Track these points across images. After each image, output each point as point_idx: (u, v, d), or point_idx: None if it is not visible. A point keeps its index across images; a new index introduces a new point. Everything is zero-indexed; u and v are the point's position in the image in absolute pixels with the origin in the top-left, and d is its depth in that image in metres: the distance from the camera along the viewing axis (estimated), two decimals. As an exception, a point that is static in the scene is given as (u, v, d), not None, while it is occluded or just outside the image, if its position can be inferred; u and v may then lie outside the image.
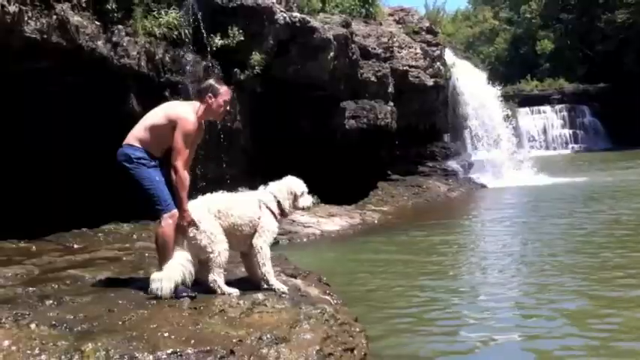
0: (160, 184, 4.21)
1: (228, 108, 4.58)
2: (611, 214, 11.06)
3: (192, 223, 4.17)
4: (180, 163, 4.17)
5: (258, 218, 4.36)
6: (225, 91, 4.46)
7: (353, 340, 3.89)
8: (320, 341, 3.63)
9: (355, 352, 3.80)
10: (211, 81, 4.55)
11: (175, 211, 4.17)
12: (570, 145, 41.26)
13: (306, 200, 4.60)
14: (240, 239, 4.36)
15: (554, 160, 30.61)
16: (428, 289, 6.60)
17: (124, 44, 8.56)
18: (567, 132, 42.03)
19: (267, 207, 4.42)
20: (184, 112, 4.32)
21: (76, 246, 6.66)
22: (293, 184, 4.57)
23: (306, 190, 4.60)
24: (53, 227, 7.28)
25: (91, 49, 7.94)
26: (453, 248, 9.11)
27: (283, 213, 4.51)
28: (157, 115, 4.36)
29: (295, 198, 4.53)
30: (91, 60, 8.06)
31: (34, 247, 6.50)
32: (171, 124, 4.24)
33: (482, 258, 8.26)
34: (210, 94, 4.40)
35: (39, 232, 7.08)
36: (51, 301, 3.96)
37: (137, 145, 4.27)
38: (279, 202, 4.47)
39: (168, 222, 4.14)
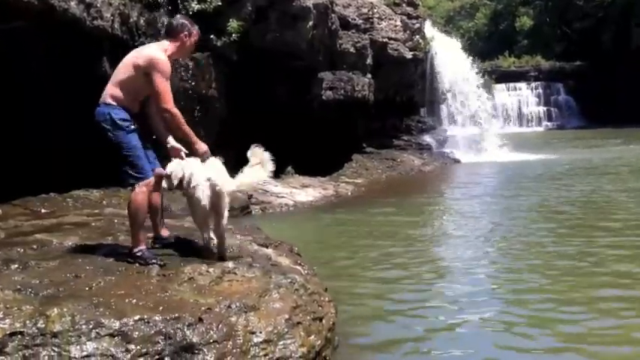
0: (139, 150, 4.09)
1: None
2: (579, 192, 11.23)
3: (208, 154, 4.22)
4: (169, 105, 4.06)
5: None
6: (197, 32, 4.37)
7: (322, 309, 3.91)
8: (289, 310, 3.65)
9: (324, 321, 3.83)
10: (184, 20, 4.36)
11: (150, 180, 4.10)
12: (544, 123, 41.71)
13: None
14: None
15: (527, 136, 30.97)
16: (399, 262, 6.67)
17: (98, 5, 8.33)
18: (541, 109, 42.44)
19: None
20: (154, 53, 4.15)
21: (43, 210, 6.54)
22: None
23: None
24: (20, 191, 7.14)
25: (64, 9, 7.71)
26: (425, 222, 9.19)
27: None
28: (125, 68, 4.16)
29: None
30: (64, 21, 7.85)
31: (0, 211, 6.38)
32: (143, 71, 4.07)
33: (452, 232, 8.37)
34: (186, 33, 4.27)
35: (5, 195, 6.94)
36: (16, 265, 3.90)
37: (114, 103, 4.09)
38: None
39: (142, 189, 4.06)
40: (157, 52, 4.16)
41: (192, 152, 4.31)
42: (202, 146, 4.25)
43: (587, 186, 12.02)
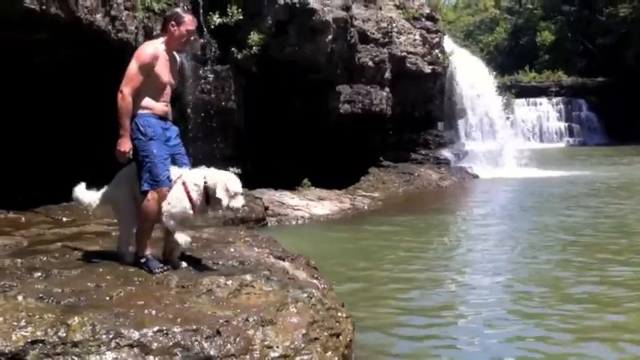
0: (157, 158, 4.14)
1: (192, 39, 4.42)
2: (601, 213, 10.95)
3: (126, 155, 4.11)
4: (127, 90, 4.08)
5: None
6: (189, 20, 4.31)
7: (339, 325, 3.90)
8: (306, 325, 3.65)
9: (341, 337, 3.82)
10: (177, 9, 4.40)
11: (164, 189, 4.15)
12: (565, 139, 41.29)
13: (239, 201, 4.21)
14: None
15: (548, 152, 30.65)
16: (415, 278, 6.65)
17: (123, 18, 8.49)
18: (563, 125, 42.03)
19: (183, 183, 4.18)
20: (141, 46, 4.35)
21: (65, 219, 6.64)
22: (232, 181, 4.19)
23: (240, 191, 4.21)
24: (42, 199, 7.27)
25: (90, 21, 7.87)
26: (442, 240, 9.09)
27: (209, 202, 4.20)
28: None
29: (229, 196, 4.17)
30: (89, 33, 8.00)
31: (23, 219, 6.49)
32: (147, 71, 4.17)
33: (469, 251, 8.31)
34: (173, 22, 4.28)
35: (28, 203, 7.06)
36: (39, 274, 3.96)
37: (139, 111, 4.17)
38: (207, 189, 4.16)
39: (154, 196, 4.12)
40: (145, 44, 4.37)
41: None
42: (125, 145, 4.12)
43: (610, 206, 11.73)
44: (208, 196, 4.18)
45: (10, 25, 7.06)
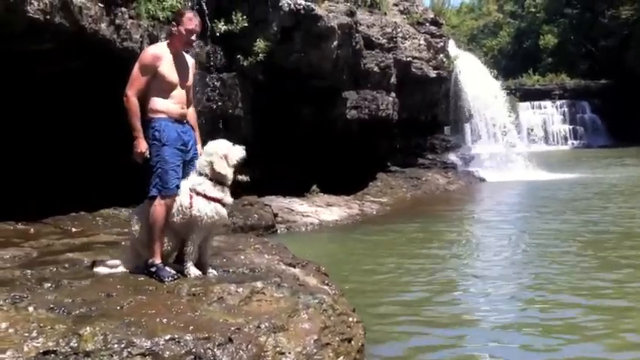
0: (169, 164, 4.11)
1: (194, 37, 4.31)
2: (610, 217, 10.84)
3: (143, 154, 4.11)
4: (130, 92, 4.13)
5: (189, 207, 4.13)
6: (187, 20, 4.25)
7: (351, 330, 3.89)
8: (318, 331, 3.63)
9: (353, 342, 3.80)
10: (179, 11, 4.42)
11: (173, 196, 4.13)
12: (570, 141, 41.28)
13: (237, 152, 4.22)
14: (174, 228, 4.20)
15: (553, 155, 30.57)
16: (425, 282, 6.61)
17: (127, 27, 8.49)
18: (567, 127, 42.03)
19: (197, 193, 4.15)
20: (145, 49, 4.40)
21: (74, 229, 6.64)
22: (217, 148, 4.19)
23: (229, 144, 4.24)
24: (51, 210, 7.27)
25: (94, 31, 7.87)
26: (450, 242, 9.08)
27: (223, 185, 4.20)
28: None
29: (227, 159, 4.19)
30: (93, 42, 8.01)
31: (32, 230, 6.48)
32: (150, 72, 4.18)
33: (479, 255, 8.27)
34: (173, 23, 4.30)
35: (37, 214, 7.06)
36: (49, 284, 3.93)
37: (151, 115, 4.17)
38: (213, 179, 4.16)
39: (161, 202, 4.09)
40: (148, 47, 4.41)
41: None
42: (140, 146, 4.13)
43: (619, 209, 11.64)
44: (219, 181, 4.19)
45: (14, 36, 7.07)
